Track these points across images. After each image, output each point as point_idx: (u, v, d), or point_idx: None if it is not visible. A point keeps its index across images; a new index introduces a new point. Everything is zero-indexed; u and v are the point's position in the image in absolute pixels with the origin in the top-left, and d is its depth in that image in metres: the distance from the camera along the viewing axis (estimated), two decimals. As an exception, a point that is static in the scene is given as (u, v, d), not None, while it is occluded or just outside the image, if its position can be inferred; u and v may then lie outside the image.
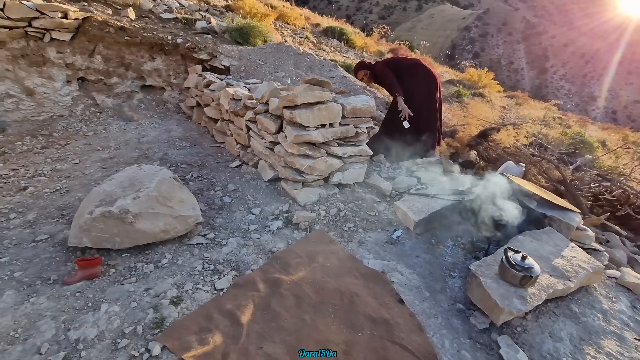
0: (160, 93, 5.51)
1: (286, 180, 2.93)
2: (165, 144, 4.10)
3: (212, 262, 2.12)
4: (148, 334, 1.61)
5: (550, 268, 1.87)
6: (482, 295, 1.73)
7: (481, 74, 10.10)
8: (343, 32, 10.00)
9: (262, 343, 1.57)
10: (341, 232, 2.51)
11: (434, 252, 2.36)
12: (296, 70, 5.46)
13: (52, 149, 3.90)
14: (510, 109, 8.30)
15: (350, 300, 1.83)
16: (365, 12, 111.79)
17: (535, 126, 4.63)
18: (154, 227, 2.14)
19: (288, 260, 2.13)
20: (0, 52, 4.27)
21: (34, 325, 1.59)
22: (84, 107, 4.89)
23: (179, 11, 6.37)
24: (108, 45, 4.92)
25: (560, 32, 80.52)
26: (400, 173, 3.39)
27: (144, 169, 2.52)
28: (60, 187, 2.91)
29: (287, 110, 2.69)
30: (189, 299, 1.82)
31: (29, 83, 4.49)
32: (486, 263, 1.89)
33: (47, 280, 1.86)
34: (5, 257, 1.98)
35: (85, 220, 2.03)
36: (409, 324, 1.70)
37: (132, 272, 1.99)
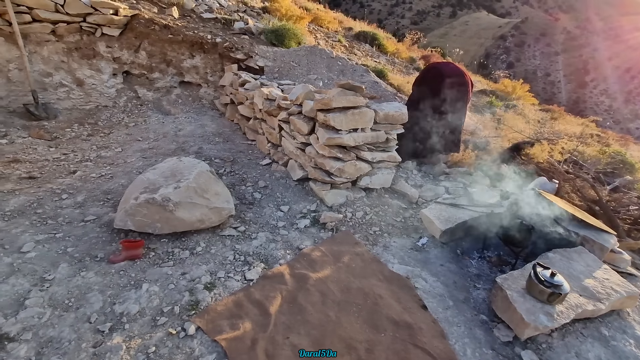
0: (196, 89, 5.76)
1: (315, 180, 3.01)
2: (200, 139, 4.29)
3: (243, 253, 2.23)
4: (184, 314, 1.73)
5: (580, 288, 1.85)
6: (507, 308, 1.73)
7: (516, 85, 9.82)
8: (375, 36, 10.02)
9: (289, 334, 1.65)
10: (366, 235, 2.56)
11: (458, 262, 2.37)
12: (328, 74, 5.55)
13: (97, 137, 4.18)
14: (544, 123, 8.02)
15: (374, 302, 1.88)
16: (398, 16, 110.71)
17: (571, 142, 4.48)
18: (192, 216, 2.27)
19: (314, 258, 2.21)
20: (58, 44, 4.62)
21: (84, 297, 1.75)
22: (126, 99, 5.19)
23: (218, 11, 6.62)
24: (153, 42, 5.21)
25: (605, 45, 76.45)
26: (428, 181, 3.40)
27: (184, 161, 2.67)
28: (105, 173, 3.13)
29: (321, 113, 2.78)
30: (221, 285, 1.94)
31: (80, 74, 4.83)
32: (513, 277, 1.89)
33: (94, 258, 2.03)
34: (60, 233, 2.18)
35: (131, 205, 2.19)
36: (432, 329, 1.73)
37: (169, 256, 2.13)
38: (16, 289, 1.73)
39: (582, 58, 75.55)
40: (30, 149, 3.56)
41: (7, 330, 1.52)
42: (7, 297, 1.67)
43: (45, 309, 1.64)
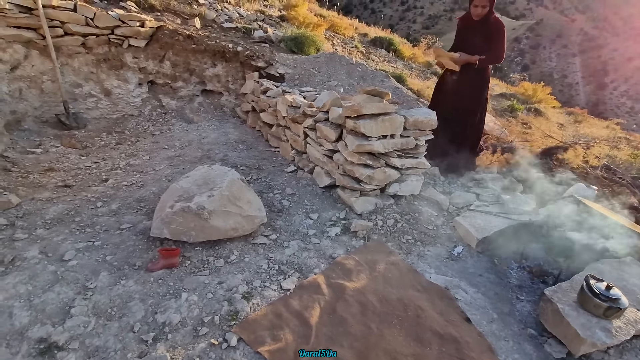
0: (218, 97, 5.84)
1: (343, 188, 2.98)
2: (224, 146, 4.34)
3: (277, 262, 2.21)
4: (224, 324, 1.71)
5: (636, 301, 1.75)
6: (560, 323, 1.65)
7: (536, 88, 9.60)
8: (391, 42, 10.00)
9: (331, 346, 1.62)
10: (399, 243, 2.51)
11: (497, 272, 2.29)
12: (348, 80, 5.55)
13: (125, 145, 4.27)
14: (568, 126, 7.81)
15: (415, 314, 1.83)
16: (409, 21, 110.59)
17: (602, 147, 4.33)
18: (226, 225, 2.27)
19: (349, 267, 2.17)
20: (88, 56, 4.77)
21: (126, 306, 1.76)
22: (151, 107, 5.31)
23: (238, 21, 6.73)
24: (177, 52, 5.32)
25: (625, 45, 74.38)
26: (457, 188, 3.33)
27: (215, 169, 2.69)
28: (136, 181, 3.18)
29: (351, 120, 2.76)
30: (258, 295, 1.92)
31: (108, 84, 4.96)
32: (562, 289, 1.81)
33: (133, 266, 2.05)
34: (98, 241, 2.21)
35: (167, 213, 2.21)
36: (479, 344, 1.67)
37: (204, 265, 2.13)
38: (61, 297, 1.75)
39: (600, 59, 73.66)
40: (63, 158, 3.66)
41: (56, 339, 1.53)
42: (54, 306, 1.70)
43: (90, 318, 1.66)
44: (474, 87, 3.24)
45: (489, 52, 2.97)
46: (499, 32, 2.93)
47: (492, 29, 2.91)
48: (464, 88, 3.24)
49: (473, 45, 3.04)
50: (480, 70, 3.15)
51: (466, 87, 3.22)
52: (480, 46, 3.00)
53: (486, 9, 2.86)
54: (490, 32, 2.92)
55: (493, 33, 2.91)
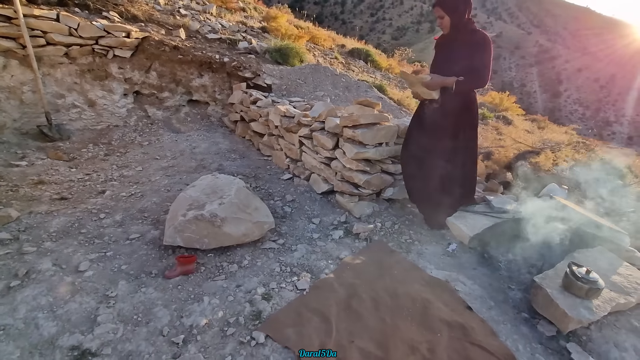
0: (204, 107, 5.86)
1: (342, 193, 3.14)
2: (217, 155, 4.38)
3: (288, 265, 2.32)
4: (249, 324, 1.80)
5: (609, 283, 2.02)
6: (549, 305, 1.88)
7: (503, 97, 10.34)
8: (368, 53, 10.41)
9: (353, 338, 1.75)
10: (399, 243, 2.69)
11: (489, 265, 2.52)
12: (334, 90, 5.77)
13: (114, 157, 4.21)
14: (533, 132, 8.45)
15: (423, 305, 2.00)
16: (379, 32, 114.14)
17: (568, 150, 4.79)
18: (237, 231, 2.36)
19: (357, 267, 2.32)
20: (71, 66, 4.67)
21: (150, 312, 1.80)
22: (136, 118, 5.24)
23: (222, 32, 6.81)
24: (163, 62, 5.32)
25: (574, 57, 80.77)
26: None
27: (220, 178, 2.76)
28: (134, 192, 3.18)
29: (349, 129, 2.94)
30: (276, 296, 2.02)
31: (92, 95, 4.87)
32: (549, 276, 2.05)
33: (149, 274, 2.09)
34: (110, 252, 2.22)
35: (180, 222, 2.27)
36: (483, 328, 1.86)
37: (219, 270, 2.20)
38: (84, 306, 1.77)
39: (554, 70, 79.38)
40: (52, 170, 3.57)
41: (88, 346, 1.56)
42: (79, 315, 1.71)
43: (118, 325, 1.69)
44: (459, 117, 2.53)
45: (470, 73, 2.33)
46: (482, 48, 2.31)
47: (473, 44, 2.33)
48: (447, 121, 2.54)
49: (451, 65, 2.43)
50: (465, 96, 2.50)
51: (450, 119, 2.53)
52: (461, 65, 2.37)
53: (444, 19, 2.36)
54: (472, 49, 2.33)
55: (474, 49, 2.32)
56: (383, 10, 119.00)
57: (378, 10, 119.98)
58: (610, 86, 69.51)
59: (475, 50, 2.35)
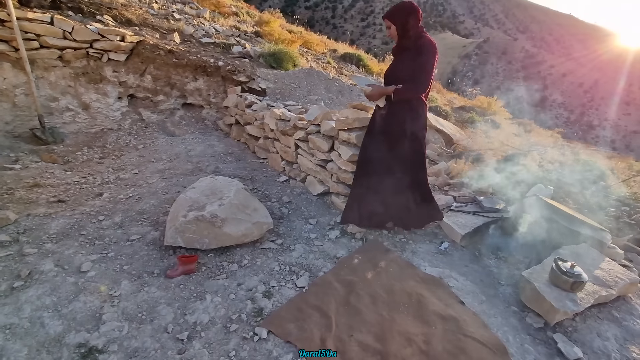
0: (199, 111, 5.90)
1: (338, 194, 3.22)
2: (212, 158, 4.42)
3: (287, 264, 2.38)
4: (251, 320, 1.86)
5: (592, 277, 2.14)
6: (537, 298, 1.99)
7: (491, 101, 10.59)
8: (360, 58, 10.58)
9: (352, 332, 1.82)
10: (393, 242, 2.78)
11: (479, 262, 2.63)
12: (327, 94, 5.87)
13: (109, 160, 4.21)
14: (520, 135, 8.69)
15: (418, 300, 2.09)
16: (369, 37, 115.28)
17: (552, 152, 4.97)
18: (237, 231, 2.41)
19: (354, 265, 2.40)
20: (65, 70, 4.67)
21: (154, 310, 1.84)
22: (131, 121, 5.25)
23: (216, 36, 6.86)
24: (158, 66, 5.35)
25: (559, 62, 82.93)
26: (435, 192, 3.69)
27: (219, 180, 2.82)
28: (132, 194, 3.20)
29: (345, 132, 3.02)
30: (277, 293, 2.08)
31: (86, 98, 4.87)
32: (536, 271, 2.16)
33: (151, 274, 2.12)
34: (111, 253, 2.25)
35: (181, 222, 2.31)
36: (475, 321, 1.95)
37: (220, 270, 2.25)
38: (88, 305, 1.80)
39: (540, 74, 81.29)
40: (47, 174, 3.56)
41: (94, 343, 1.59)
42: (84, 314, 1.75)
43: (123, 323, 1.73)
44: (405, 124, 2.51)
45: (410, 81, 2.33)
46: (423, 54, 2.30)
47: (417, 51, 2.31)
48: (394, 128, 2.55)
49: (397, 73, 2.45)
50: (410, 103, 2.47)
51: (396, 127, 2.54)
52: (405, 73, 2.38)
53: (391, 28, 2.38)
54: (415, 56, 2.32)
55: (416, 56, 2.31)
56: (373, 15, 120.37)
57: (368, 15, 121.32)
58: (594, 91, 71.54)
59: (417, 57, 2.32)
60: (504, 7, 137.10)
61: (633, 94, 67.87)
